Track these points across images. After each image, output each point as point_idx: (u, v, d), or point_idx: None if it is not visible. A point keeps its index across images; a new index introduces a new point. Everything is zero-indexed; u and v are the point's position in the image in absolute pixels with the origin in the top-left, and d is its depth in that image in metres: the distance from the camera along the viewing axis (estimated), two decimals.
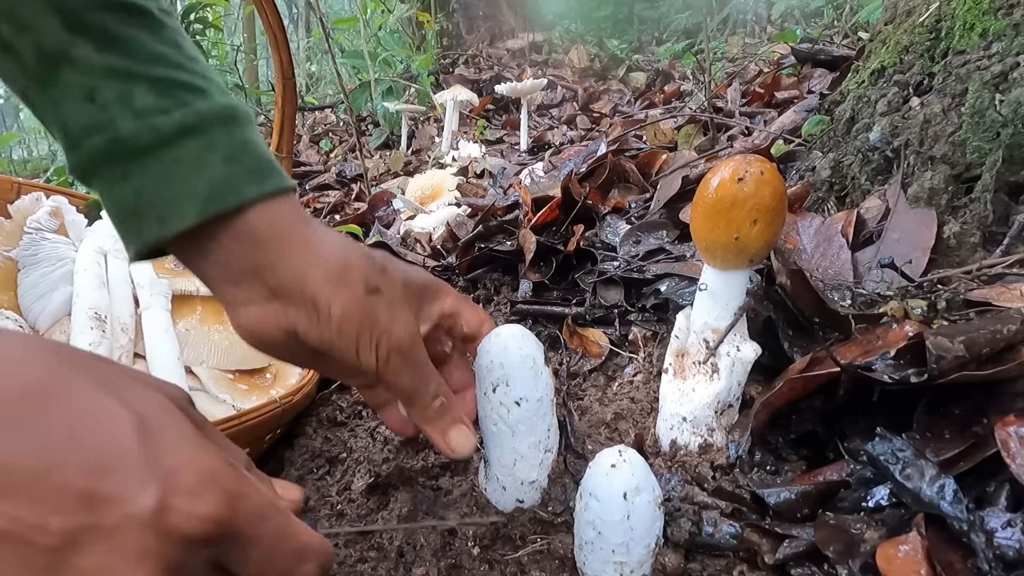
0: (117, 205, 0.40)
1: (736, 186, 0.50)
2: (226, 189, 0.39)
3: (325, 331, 0.42)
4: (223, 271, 0.42)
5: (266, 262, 0.41)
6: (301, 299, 0.41)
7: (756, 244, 0.51)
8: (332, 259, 0.42)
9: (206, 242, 0.41)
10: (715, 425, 0.59)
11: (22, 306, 0.81)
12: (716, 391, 0.58)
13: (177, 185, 0.39)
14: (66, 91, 0.38)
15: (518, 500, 0.58)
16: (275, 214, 0.41)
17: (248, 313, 0.43)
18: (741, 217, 0.50)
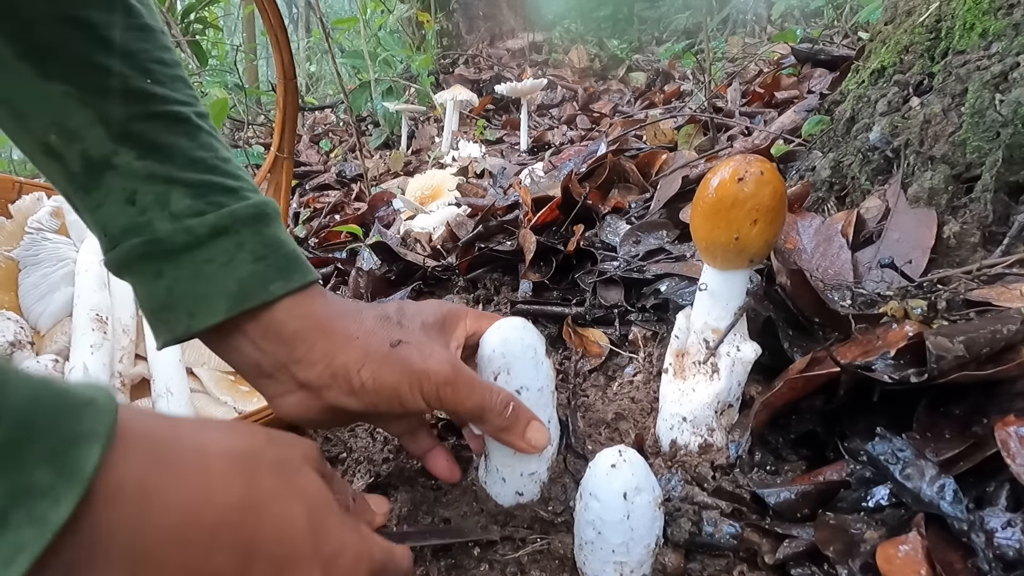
0: (149, 300, 0.43)
1: (736, 186, 0.50)
2: (254, 286, 0.42)
3: (365, 398, 0.45)
4: (256, 368, 0.45)
5: (296, 358, 0.44)
6: (333, 380, 0.44)
7: (756, 244, 0.52)
8: (353, 337, 0.45)
9: (236, 337, 0.43)
10: (715, 425, 0.59)
11: (23, 307, 0.81)
12: (716, 391, 0.58)
13: (207, 283, 0.41)
14: (108, 194, 0.41)
15: (518, 493, 0.58)
16: (300, 310, 0.44)
17: (286, 403, 0.46)
18: (741, 217, 0.50)
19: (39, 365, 0.72)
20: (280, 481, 0.32)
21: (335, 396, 0.45)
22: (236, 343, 0.44)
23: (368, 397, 0.44)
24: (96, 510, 0.25)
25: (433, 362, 0.45)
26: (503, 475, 0.58)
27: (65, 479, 0.24)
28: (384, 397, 0.45)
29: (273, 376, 0.45)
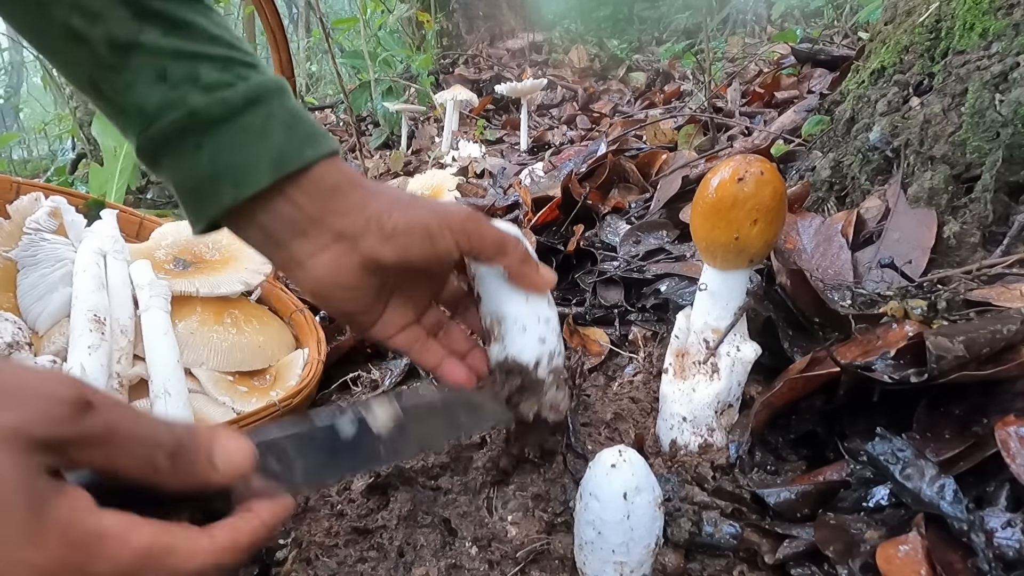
0: (190, 175, 0.43)
1: (736, 186, 0.50)
2: (291, 152, 0.44)
3: (398, 240, 0.46)
4: (291, 226, 0.45)
5: (333, 207, 0.45)
6: (367, 226, 0.45)
7: (756, 244, 0.52)
8: (384, 191, 0.48)
9: (276, 201, 0.44)
10: (715, 425, 0.59)
11: (21, 307, 0.81)
12: (716, 391, 0.58)
13: (247, 151, 0.43)
14: (139, 74, 0.41)
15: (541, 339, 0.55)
16: (334, 169, 0.46)
17: (321, 262, 0.46)
18: (741, 217, 0.50)
19: (37, 366, 0.72)
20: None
21: (370, 245, 0.46)
22: (275, 206, 0.45)
23: (400, 239, 0.46)
24: None
25: (454, 206, 0.48)
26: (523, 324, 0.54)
27: None
28: (416, 236, 0.46)
29: (307, 233, 0.46)
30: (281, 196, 0.44)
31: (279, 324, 0.92)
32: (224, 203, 0.43)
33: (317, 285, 0.48)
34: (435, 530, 0.62)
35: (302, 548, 0.64)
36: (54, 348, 0.77)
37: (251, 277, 0.89)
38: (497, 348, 0.55)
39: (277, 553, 0.65)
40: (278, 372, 0.86)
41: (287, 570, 0.63)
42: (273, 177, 0.43)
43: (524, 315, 0.54)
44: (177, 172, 0.44)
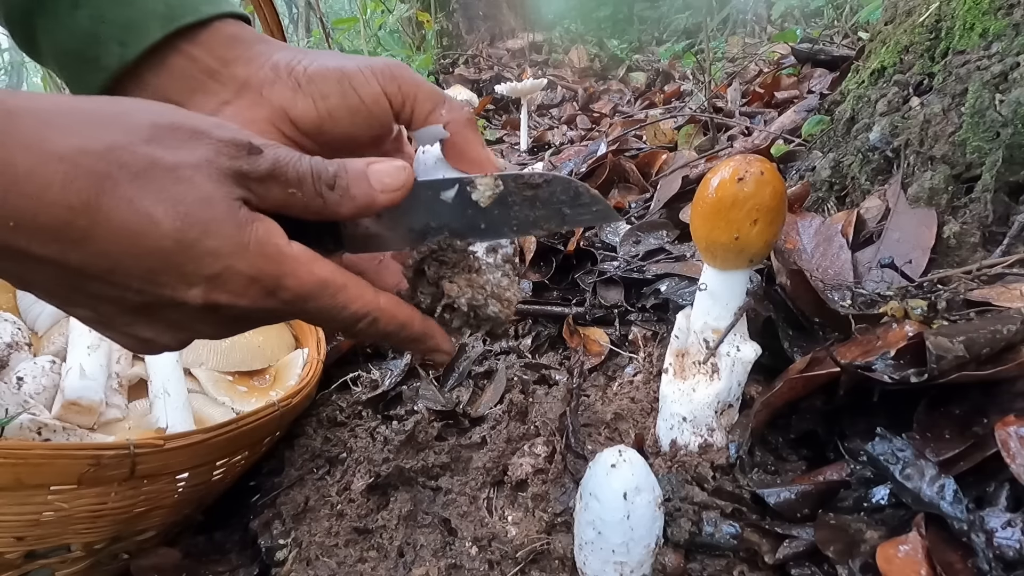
0: (68, 38, 0.38)
1: (736, 186, 0.50)
2: (183, 7, 0.39)
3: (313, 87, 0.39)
4: (186, 82, 0.39)
5: (233, 56, 0.40)
6: (275, 74, 0.39)
7: (756, 244, 0.52)
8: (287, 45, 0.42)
9: (170, 57, 0.39)
10: (715, 425, 0.59)
11: (21, 307, 0.81)
12: (716, 391, 0.58)
13: (132, 7, 0.38)
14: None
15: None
16: (235, 27, 0.40)
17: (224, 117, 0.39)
18: (741, 217, 0.50)
19: (36, 366, 0.72)
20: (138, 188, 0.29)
21: (280, 94, 0.39)
22: (166, 62, 0.39)
23: (317, 86, 0.39)
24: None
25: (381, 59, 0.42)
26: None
27: None
28: (334, 83, 0.39)
29: (205, 87, 0.39)
30: (174, 51, 0.39)
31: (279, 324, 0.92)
32: (110, 65, 0.38)
33: None
34: (435, 530, 0.62)
35: (302, 548, 0.64)
36: (54, 348, 0.77)
37: None
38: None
39: (277, 553, 0.65)
40: (277, 372, 0.86)
41: (287, 570, 0.62)
42: (164, 31, 0.38)
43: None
44: (54, 36, 0.39)
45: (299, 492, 0.71)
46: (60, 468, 0.53)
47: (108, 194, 0.29)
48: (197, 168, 0.30)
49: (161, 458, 0.58)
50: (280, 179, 0.33)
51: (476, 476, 0.65)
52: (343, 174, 0.34)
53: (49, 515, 0.55)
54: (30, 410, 0.65)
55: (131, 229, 0.29)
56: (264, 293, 0.32)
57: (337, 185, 0.34)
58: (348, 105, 0.40)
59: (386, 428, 0.75)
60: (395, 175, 0.36)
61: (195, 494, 0.67)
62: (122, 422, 0.73)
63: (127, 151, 0.29)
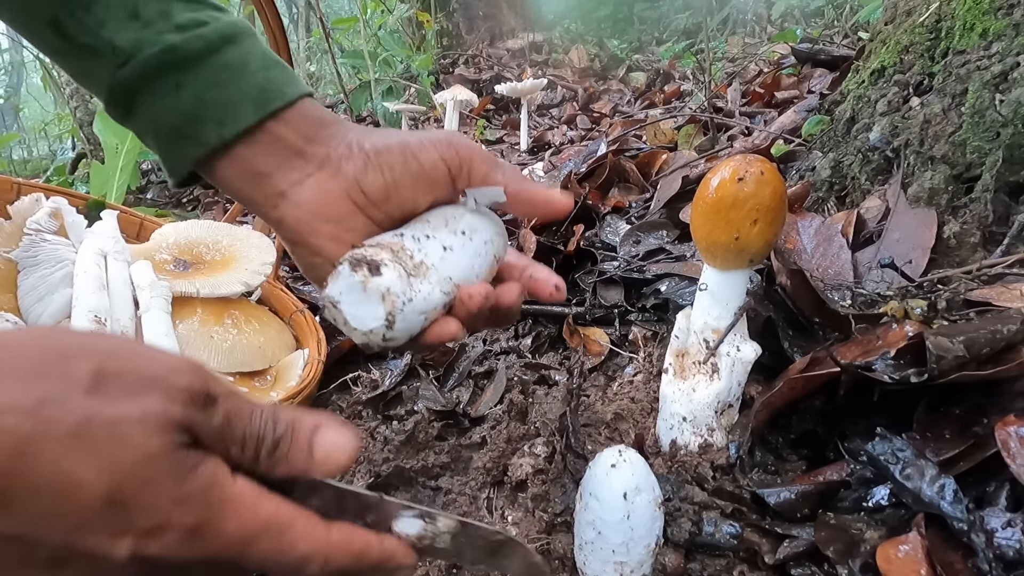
0: (170, 116, 0.42)
1: (736, 186, 0.50)
2: (272, 90, 0.43)
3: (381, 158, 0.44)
4: (275, 157, 0.44)
5: (316, 136, 0.45)
6: (349, 150, 0.44)
7: (756, 244, 0.52)
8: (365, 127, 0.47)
9: (258, 136, 0.43)
10: (715, 425, 0.59)
11: (22, 308, 0.81)
12: (716, 391, 0.58)
13: (230, 88, 0.42)
14: (110, 11, 0.41)
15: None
16: (315, 108, 0.46)
17: (303, 188, 0.44)
18: (741, 217, 0.50)
19: None
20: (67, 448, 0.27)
21: (354, 168, 0.44)
22: (259, 139, 0.44)
23: (384, 158, 0.44)
24: None
25: (439, 132, 0.46)
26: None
27: None
28: (397, 155, 0.44)
29: (291, 162, 0.44)
30: (264, 131, 0.43)
31: (279, 325, 0.92)
32: (210, 142, 0.42)
33: (300, 216, 0.44)
34: None
35: None
36: None
37: (251, 278, 0.89)
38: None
39: None
40: (278, 373, 0.86)
41: None
42: (258, 114, 0.42)
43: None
44: (156, 114, 0.42)
45: None
46: None
47: (30, 457, 0.26)
48: (141, 422, 0.29)
49: None
50: (227, 436, 0.32)
51: (476, 476, 0.65)
52: (286, 438, 0.33)
53: None
54: None
55: (55, 493, 0.27)
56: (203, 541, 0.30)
57: (279, 450, 0.33)
58: (410, 172, 0.44)
59: (386, 428, 0.75)
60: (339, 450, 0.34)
61: None
62: None
63: (60, 406, 0.27)
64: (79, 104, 2.51)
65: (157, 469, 0.29)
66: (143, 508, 0.29)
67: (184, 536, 0.30)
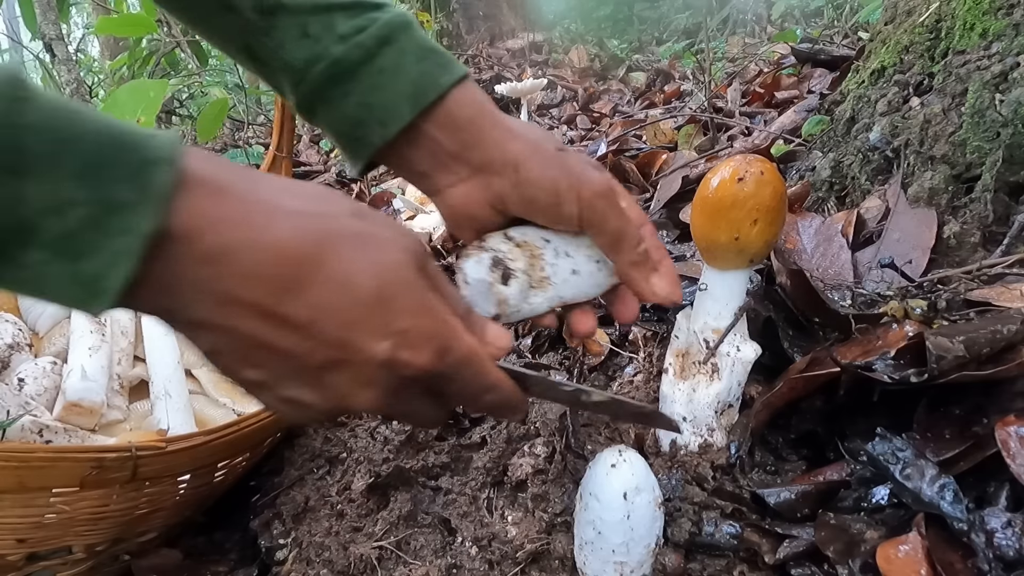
0: (343, 122, 0.47)
1: (736, 186, 0.50)
2: (425, 84, 0.46)
3: (526, 190, 0.47)
4: (434, 159, 0.48)
5: (471, 141, 0.47)
6: (503, 168, 0.47)
7: (756, 244, 0.52)
8: (523, 131, 0.49)
9: (417, 135, 0.47)
10: (715, 425, 0.59)
11: (22, 308, 0.81)
12: (716, 391, 0.58)
13: (387, 91, 0.46)
14: (285, 33, 0.46)
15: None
16: (467, 98, 0.48)
17: (456, 193, 0.49)
18: (741, 217, 0.50)
19: (37, 367, 0.72)
20: (352, 247, 0.35)
21: (501, 185, 0.47)
22: (418, 140, 0.48)
23: (530, 190, 0.47)
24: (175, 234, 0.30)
25: (594, 173, 0.48)
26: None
27: (145, 194, 0.29)
28: (544, 191, 0.46)
29: (448, 165, 0.48)
30: (421, 132, 0.47)
31: None
32: (374, 142, 0.47)
33: (450, 212, 0.50)
34: (435, 530, 0.62)
35: (302, 548, 0.64)
36: (54, 349, 0.77)
37: None
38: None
39: (277, 553, 0.65)
40: None
41: (287, 570, 0.63)
42: (413, 111, 0.46)
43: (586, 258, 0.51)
44: (332, 120, 0.48)
45: (299, 492, 0.71)
46: (63, 471, 0.53)
47: (327, 250, 0.34)
48: (393, 242, 0.37)
49: (163, 460, 0.58)
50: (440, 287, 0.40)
51: (476, 476, 0.65)
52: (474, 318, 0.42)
53: (51, 517, 0.55)
54: (32, 412, 0.65)
55: (339, 283, 0.34)
56: (436, 354, 0.37)
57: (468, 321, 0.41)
58: (548, 215, 0.48)
59: (386, 428, 0.75)
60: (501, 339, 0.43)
61: (196, 496, 0.68)
62: (123, 423, 0.73)
63: (339, 219, 0.35)
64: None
65: (407, 277, 0.36)
66: (401, 311, 0.36)
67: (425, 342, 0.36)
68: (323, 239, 0.34)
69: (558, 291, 0.49)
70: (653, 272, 0.49)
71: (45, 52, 2.36)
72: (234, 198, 0.32)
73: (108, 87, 3.38)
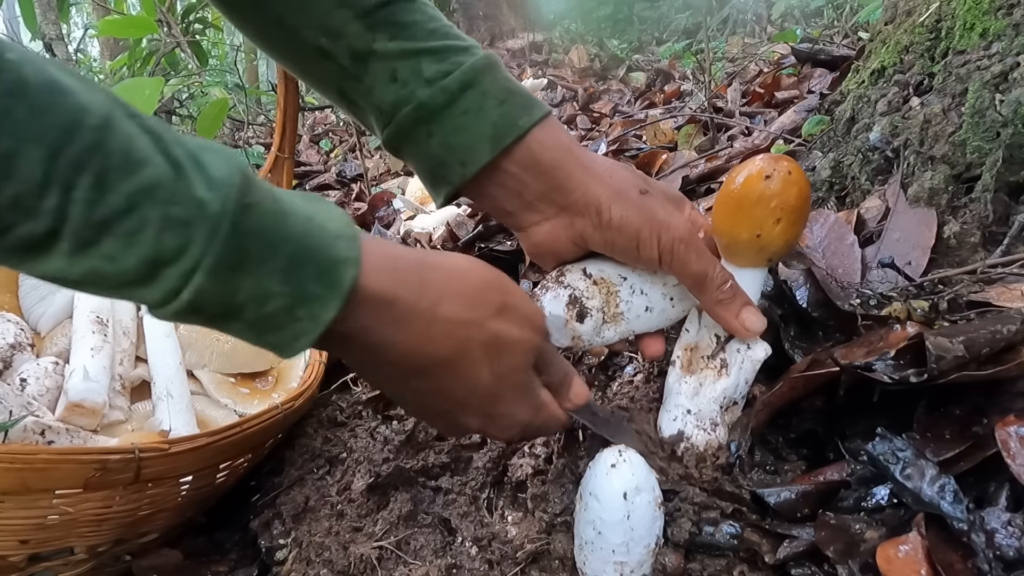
0: (426, 161, 0.50)
1: (763, 183, 0.50)
2: (506, 125, 0.48)
3: (607, 233, 0.49)
4: (519, 199, 0.51)
5: (556, 185, 0.50)
6: (586, 209, 0.49)
7: (777, 243, 0.51)
8: (607, 174, 0.51)
9: (499, 175, 0.50)
10: (719, 420, 0.59)
11: (23, 308, 0.81)
12: (724, 387, 0.57)
13: (468, 132, 0.48)
14: (376, 78, 0.48)
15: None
16: (549, 140, 0.50)
17: (540, 231, 0.52)
18: (765, 215, 0.50)
19: (39, 368, 0.72)
20: (482, 354, 0.43)
21: (583, 226, 0.50)
22: (500, 180, 0.50)
23: (611, 234, 0.49)
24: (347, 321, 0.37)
25: (675, 219, 0.50)
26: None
27: (332, 291, 0.36)
28: (625, 236, 0.49)
29: (533, 205, 0.51)
30: (502, 171, 0.50)
31: None
32: (455, 181, 0.49)
33: (533, 248, 0.54)
34: (435, 530, 0.62)
35: (302, 548, 0.64)
36: (56, 349, 0.78)
37: None
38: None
39: (277, 553, 0.66)
40: (280, 374, 0.86)
41: (287, 570, 0.63)
42: (492, 152, 0.48)
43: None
44: (416, 158, 0.51)
45: (299, 492, 0.71)
46: (66, 472, 0.53)
47: (463, 359, 0.42)
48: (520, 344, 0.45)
49: (166, 462, 0.58)
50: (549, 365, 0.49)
51: (476, 476, 0.65)
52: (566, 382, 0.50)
53: (54, 518, 0.56)
54: (34, 412, 0.65)
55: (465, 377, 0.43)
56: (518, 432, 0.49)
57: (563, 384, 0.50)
58: (628, 257, 0.51)
59: (386, 428, 0.75)
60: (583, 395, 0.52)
61: (198, 497, 0.68)
62: (125, 424, 0.74)
63: (483, 325, 0.43)
64: None
65: (520, 380, 0.46)
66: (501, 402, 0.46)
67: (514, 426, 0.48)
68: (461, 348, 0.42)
69: (630, 326, 0.52)
70: (743, 308, 0.52)
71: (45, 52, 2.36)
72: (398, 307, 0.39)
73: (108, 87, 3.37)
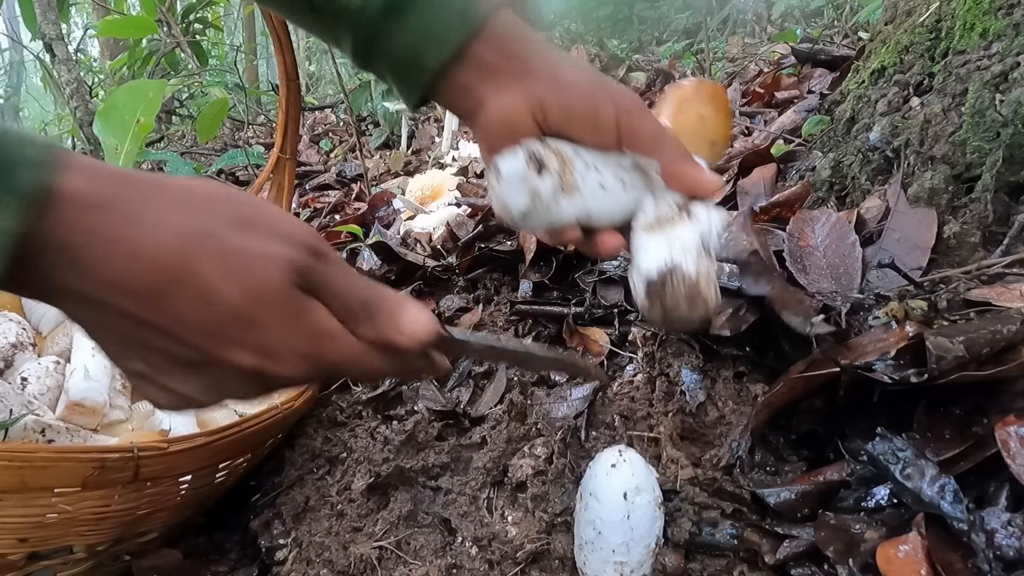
0: (399, 53, 0.50)
1: (693, 87, 0.74)
2: (470, 11, 0.49)
3: (566, 96, 0.49)
4: (479, 74, 0.50)
5: (517, 54, 0.50)
6: (543, 74, 0.50)
7: (712, 124, 0.69)
8: (561, 52, 0.53)
9: (466, 56, 0.50)
10: (702, 269, 0.49)
11: (25, 308, 0.81)
12: (699, 230, 0.50)
13: (439, 21, 0.49)
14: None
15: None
16: (508, 20, 0.51)
17: (498, 99, 0.50)
18: (699, 103, 0.70)
19: (40, 367, 0.72)
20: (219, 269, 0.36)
21: (542, 91, 0.50)
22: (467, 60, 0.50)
23: (569, 96, 0.49)
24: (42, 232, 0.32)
25: (627, 89, 0.52)
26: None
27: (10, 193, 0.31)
28: (581, 98, 0.49)
29: (491, 76, 0.50)
30: (470, 55, 0.50)
31: None
32: (432, 67, 0.49)
33: (489, 123, 0.51)
34: (435, 530, 0.62)
35: (302, 548, 0.64)
36: (57, 349, 0.77)
37: None
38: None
39: (277, 553, 0.66)
40: None
41: (287, 570, 0.63)
42: (462, 33, 0.48)
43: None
44: (388, 54, 0.50)
45: (299, 492, 0.71)
46: (65, 471, 0.53)
47: (196, 266, 0.35)
48: (273, 259, 0.37)
49: (165, 461, 0.58)
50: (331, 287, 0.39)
51: (476, 476, 0.65)
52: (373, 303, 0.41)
53: (53, 517, 0.55)
54: (34, 411, 0.65)
55: (200, 299, 0.35)
56: (307, 364, 0.39)
57: (363, 312, 0.40)
58: (584, 120, 0.50)
59: (386, 428, 0.75)
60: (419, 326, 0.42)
61: (198, 496, 0.68)
62: (125, 424, 0.74)
63: (214, 236, 0.36)
64: (79, 104, 2.50)
65: (279, 299, 0.37)
66: (266, 329, 0.37)
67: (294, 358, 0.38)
68: (188, 258, 0.35)
69: (585, 201, 0.50)
70: (698, 168, 0.51)
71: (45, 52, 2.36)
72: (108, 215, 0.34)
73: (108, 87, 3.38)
